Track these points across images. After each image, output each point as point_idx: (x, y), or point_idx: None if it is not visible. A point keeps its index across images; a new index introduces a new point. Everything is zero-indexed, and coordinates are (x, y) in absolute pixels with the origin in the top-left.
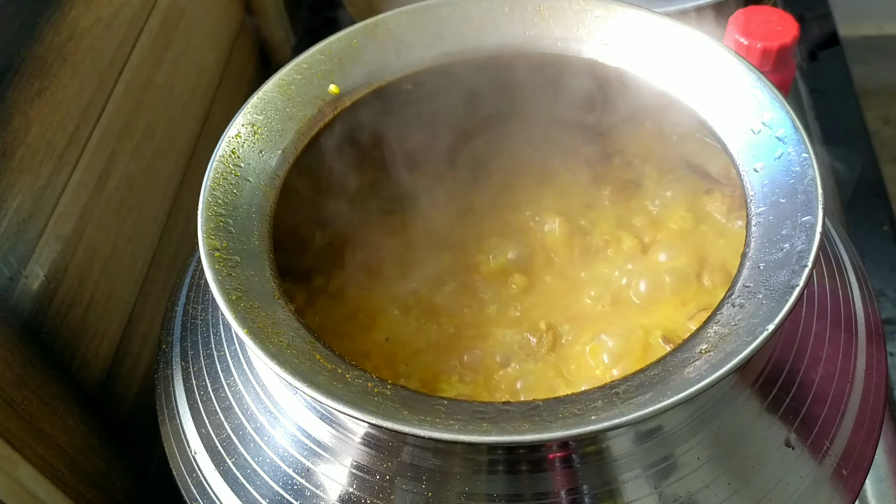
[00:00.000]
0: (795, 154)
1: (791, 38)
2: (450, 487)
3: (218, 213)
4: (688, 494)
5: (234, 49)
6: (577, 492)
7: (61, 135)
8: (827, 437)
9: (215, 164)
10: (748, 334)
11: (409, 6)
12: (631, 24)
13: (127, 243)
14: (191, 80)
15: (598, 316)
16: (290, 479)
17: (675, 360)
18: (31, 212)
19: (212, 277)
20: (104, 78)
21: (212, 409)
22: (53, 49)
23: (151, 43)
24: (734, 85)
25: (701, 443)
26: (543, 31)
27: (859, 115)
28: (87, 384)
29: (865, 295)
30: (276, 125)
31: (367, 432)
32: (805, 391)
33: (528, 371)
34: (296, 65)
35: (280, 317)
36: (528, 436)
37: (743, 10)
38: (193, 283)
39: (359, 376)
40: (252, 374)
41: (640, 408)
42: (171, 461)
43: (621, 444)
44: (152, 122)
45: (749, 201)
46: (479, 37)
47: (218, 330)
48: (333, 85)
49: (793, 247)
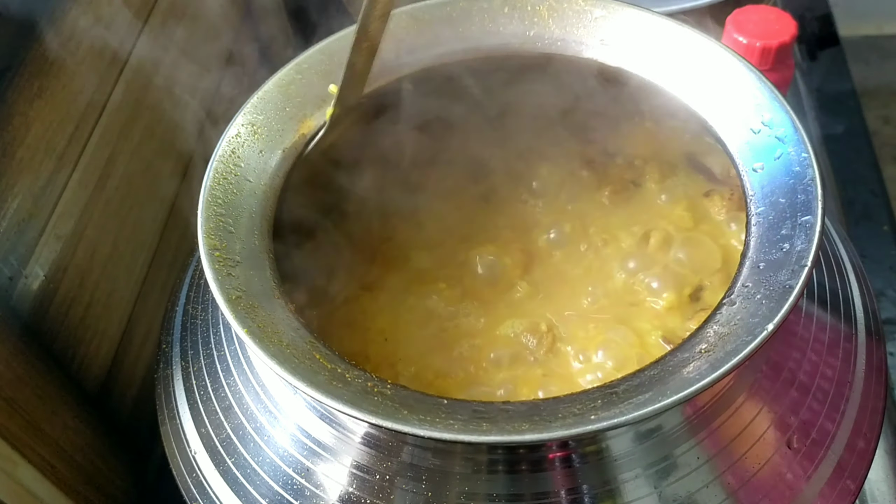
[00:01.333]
0: (795, 154)
1: (790, 37)
2: (450, 487)
3: (218, 213)
4: (687, 494)
5: (234, 49)
6: (576, 491)
7: (61, 135)
8: (827, 437)
9: (215, 164)
10: (747, 334)
11: (409, 6)
12: (631, 24)
13: (127, 243)
14: (191, 80)
15: (597, 316)
16: (290, 479)
17: (675, 360)
18: (31, 212)
19: (212, 277)
20: (104, 78)
21: (212, 409)
22: (53, 49)
23: (151, 43)
24: (734, 84)
25: (700, 442)
26: (543, 31)
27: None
28: (87, 384)
29: (865, 295)
30: (276, 125)
31: (366, 432)
32: (805, 391)
33: (528, 371)
34: (296, 65)
35: (280, 317)
36: (527, 435)
37: (741, 10)
38: (193, 283)
39: (358, 376)
40: (252, 374)
41: (639, 407)
42: (171, 461)
43: (621, 443)
44: (152, 122)
45: (748, 201)
46: (479, 37)
47: (218, 330)
48: (333, 85)
49: (792, 246)
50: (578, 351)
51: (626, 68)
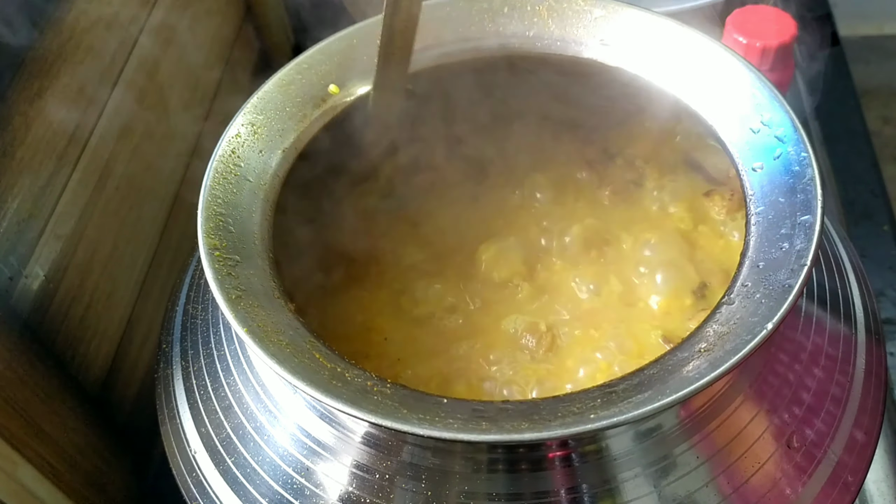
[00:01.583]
0: (795, 153)
1: (790, 37)
2: (449, 486)
3: (218, 212)
4: (687, 493)
5: (234, 49)
6: (576, 491)
7: (61, 135)
8: (826, 436)
9: (215, 164)
10: (747, 333)
11: None
12: (631, 24)
13: (127, 243)
14: (191, 80)
15: (597, 316)
16: (290, 479)
17: (674, 359)
18: (31, 212)
19: (212, 277)
20: (104, 78)
21: (212, 409)
22: (53, 49)
23: (151, 43)
24: (734, 84)
25: (700, 442)
26: (543, 32)
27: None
28: (87, 384)
29: (865, 295)
30: (276, 125)
31: (366, 431)
32: (804, 391)
33: (527, 371)
34: (296, 65)
35: (280, 316)
36: (527, 434)
37: (741, 10)
38: (193, 282)
39: (358, 375)
40: (252, 373)
41: (638, 406)
42: (171, 461)
43: (620, 442)
44: (152, 122)
45: (748, 200)
46: (479, 37)
47: (218, 330)
48: (333, 85)
49: (792, 246)
50: (578, 351)
51: (626, 68)
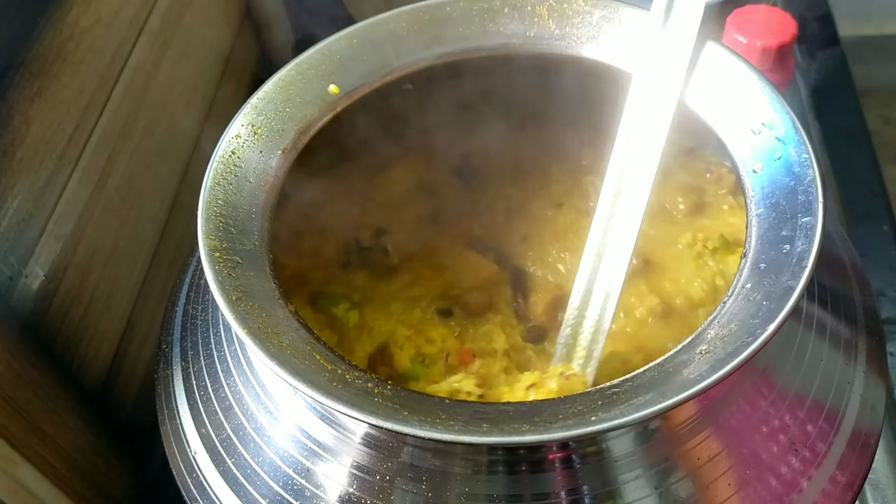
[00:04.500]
0: (795, 154)
1: (790, 37)
2: (450, 488)
3: (218, 213)
4: (688, 495)
5: (233, 49)
6: (577, 492)
7: (61, 135)
8: (827, 436)
9: (215, 164)
10: (748, 335)
11: (408, 6)
12: (631, 24)
13: (127, 243)
14: (191, 80)
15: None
16: (290, 480)
17: (676, 361)
18: (31, 212)
19: (212, 278)
20: (104, 78)
21: (212, 409)
22: (53, 49)
23: (151, 43)
24: (734, 84)
25: (701, 443)
26: (543, 32)
27: (859, 115)
28: (87, 384)
29: (865, 295)
30: (276, 125)
31: (367, 433)
32: (805, 391)
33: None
34: (296, 65)
35: (280, 317)
36: (528, 436)
37: (741, 10)
38: (193, 283)
39: (359, 377)
40: (252, 374)
41: (639, 408)
42: (171, 461)
43: (621, 444)
44: (152, 122)
45: (749, 202)
46: (479, 37)
47: (218, 330)
48: (333, 85)
49: (793, 248)
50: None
51: (625, 68)
